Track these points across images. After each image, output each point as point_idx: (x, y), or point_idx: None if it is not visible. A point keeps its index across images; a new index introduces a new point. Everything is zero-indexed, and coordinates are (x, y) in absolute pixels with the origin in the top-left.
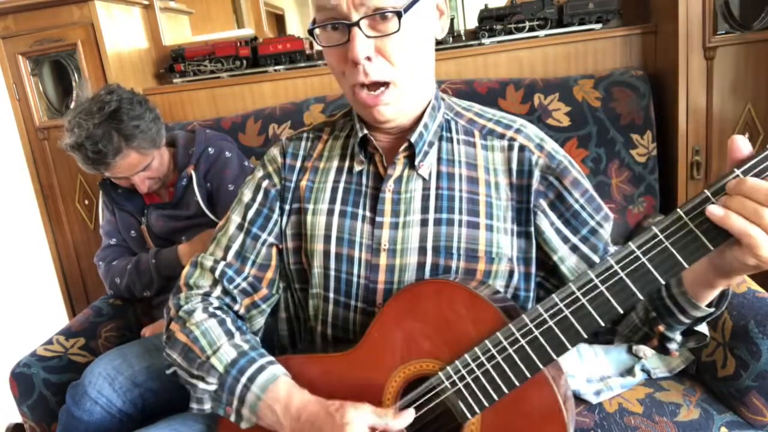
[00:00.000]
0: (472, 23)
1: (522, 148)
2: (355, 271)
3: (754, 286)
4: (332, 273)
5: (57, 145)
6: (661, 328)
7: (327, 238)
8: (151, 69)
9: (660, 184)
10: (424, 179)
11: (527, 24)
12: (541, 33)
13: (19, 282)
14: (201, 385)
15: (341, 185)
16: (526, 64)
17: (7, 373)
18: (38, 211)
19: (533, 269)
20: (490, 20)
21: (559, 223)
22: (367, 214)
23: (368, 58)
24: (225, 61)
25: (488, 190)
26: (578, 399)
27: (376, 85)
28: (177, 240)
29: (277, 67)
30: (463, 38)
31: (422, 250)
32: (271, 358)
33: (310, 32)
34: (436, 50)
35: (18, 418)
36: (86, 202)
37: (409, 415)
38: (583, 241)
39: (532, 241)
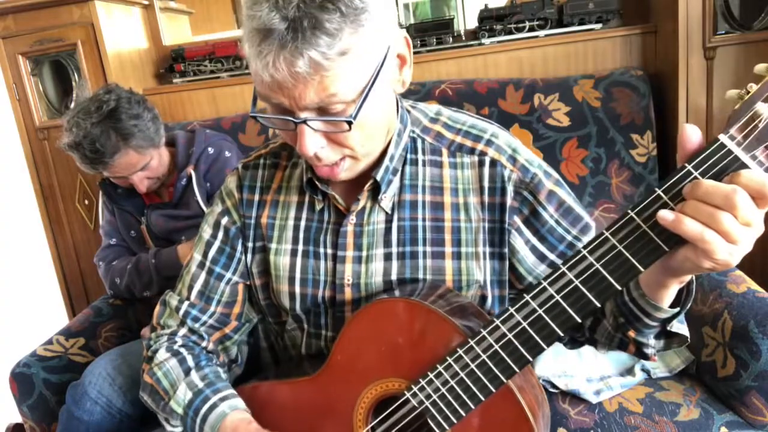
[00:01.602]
0: (472, 23)
1: (493, 163)
2: (321, 308)
3: (754, 286)
4: (299, 310)
5: (56, 144)
6: (632, 333)
7: (291, 280)
8: (151, 69)
9: None
10: (386, 212)
11: (527, 24)
12: (541, 33)
13: (19, 282)
14: (168, 427)
15: (302, 223)
16: (526, 64)
17: (7, 373)
18: (38, 211)
19: (507, 291)
20: (490, 20)
21: (534, 240)
22: (329, 251)
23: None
24: (225, 61)
25: (455, 214)
26: (578, 398)
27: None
28: (177, 240)
29: None
30: (463, 38)
31: (387, 284)
32: (226, 392)
33: (254, 118)
34: (436, 50)
35: (18, 418)
36: (86, 202)
37: None
38: (561, 257)
39: (505, 263)
